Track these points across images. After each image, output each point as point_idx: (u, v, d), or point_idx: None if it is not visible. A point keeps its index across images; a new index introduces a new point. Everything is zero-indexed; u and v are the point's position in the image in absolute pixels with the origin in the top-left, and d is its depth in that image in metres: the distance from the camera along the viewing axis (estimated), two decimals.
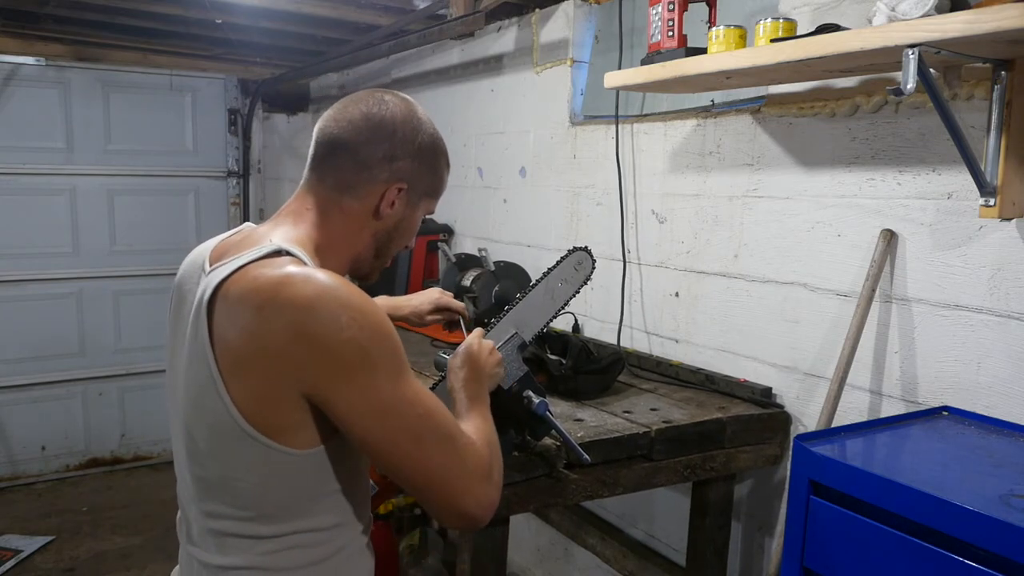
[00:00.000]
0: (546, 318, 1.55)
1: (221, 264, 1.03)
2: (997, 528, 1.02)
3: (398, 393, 0.98)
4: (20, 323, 4.08)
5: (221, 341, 0.98)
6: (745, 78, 1.74)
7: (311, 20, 3.41)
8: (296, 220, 1.12)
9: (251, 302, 0.96)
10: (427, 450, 1.01)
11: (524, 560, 3.03)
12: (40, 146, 4.03)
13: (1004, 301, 1.48)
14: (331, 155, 1.12)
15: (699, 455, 1.76)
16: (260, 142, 4.71)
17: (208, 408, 0.99)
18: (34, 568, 3.28)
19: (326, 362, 0.94)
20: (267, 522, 1.03)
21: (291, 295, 0.94)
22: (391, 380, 0.98)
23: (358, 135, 1.10)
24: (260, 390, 0.97)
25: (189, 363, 1.02)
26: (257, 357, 0.95)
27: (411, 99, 1.18)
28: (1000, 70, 1.36)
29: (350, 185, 1.11)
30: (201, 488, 1.06)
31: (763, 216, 1.98)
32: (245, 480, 1.01)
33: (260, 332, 0.95)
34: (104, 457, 4.37)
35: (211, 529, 1.05)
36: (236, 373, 0.97)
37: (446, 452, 1.02)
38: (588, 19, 2.66)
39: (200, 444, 1.03)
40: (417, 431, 1.00)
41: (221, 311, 0.98)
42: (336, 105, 1.16)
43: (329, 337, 0.94)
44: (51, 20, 3.65)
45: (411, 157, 1.14)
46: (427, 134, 1.17)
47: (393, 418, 0.98)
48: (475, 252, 2.97)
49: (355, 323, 0.95)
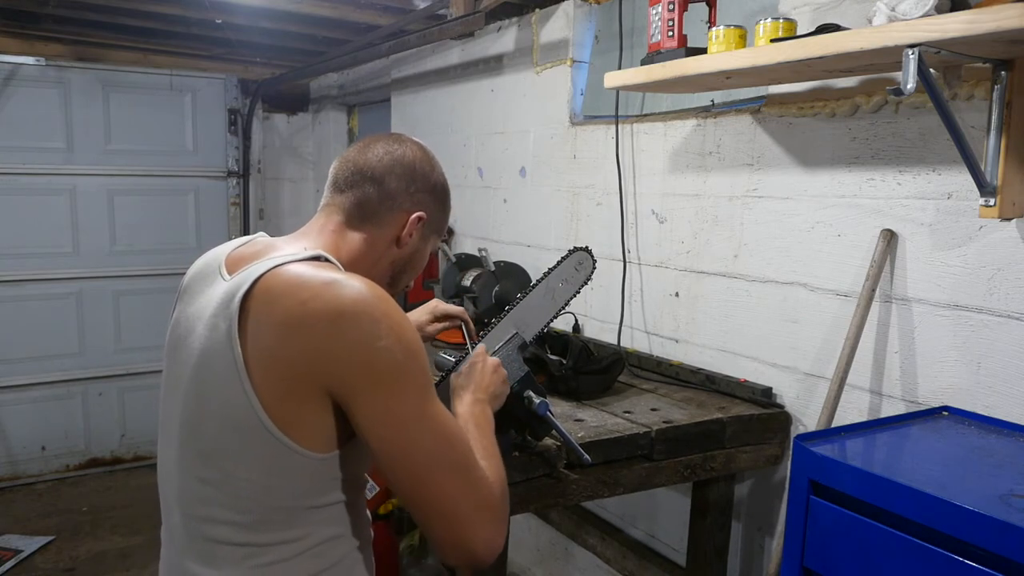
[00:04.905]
0: (546, 318, 1.55)
1: (250, 266, 1.04)
2: (997, 528, 1.02)
3: (422, 410, 0.99)
4: (20, 323, 4.08)
5: (253, 336, 0.98)
6: (745, 78, 1.74)
7: (311, 20, 3.41)
8: (320, 236, 1.16)
9: (296, 297, 0.97)
10: (440, 475, 0.99)
11: (524, 560, 3.03)
12: (40, 146, 4.03)
13: (1004, 301, 1.48)
14: (356, 184, 1.17)
15: (699, 455, 1.76)
16: (260, 142, 4.71)
17: (226, 402, 0.99)
18: (34, 568, 3.28)
19: (359, 365, 0.96)
20: (264, 529, 1.02)
21: (337, 295, 0.97)
22: (418, 396, 0.99)
23: (383, 167, 1.17)
24: (287, 386, 0.97)
25: (203, 359, 1.02)
26: (292, 352, 0.96)
27: (424, 143, 1.26)
28: (1000, 70, 1.36)
29: (374, 212, 1.17)
30: (200, 491, 1.04)
31: (763, 216, 1.98)
32: (250, 479, 1.00)
33: (302, 327, 0.96)
34: (104, 457, 4.38)
35: (205, 536, 1.04)
36: (265, 368, 0.97)
37: (460, 482, 1.01)
38: (588, 19, 2.66)
39: (207, 442, 1.03)
40: (433, 453, 0.99)
41: (257, 305, 0.99)
42: (355, 144, 1.23)
43: (366, 343, 0.96)
44: (51, 20, 3.65)
45: (428, 191, 1.21)
46: (440, 174, 1.25)
47: (412, 433, 0.98)
48: (475, 252, 2.97)
49: (392, 334, 0.97)
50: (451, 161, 3.32)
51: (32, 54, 3.92)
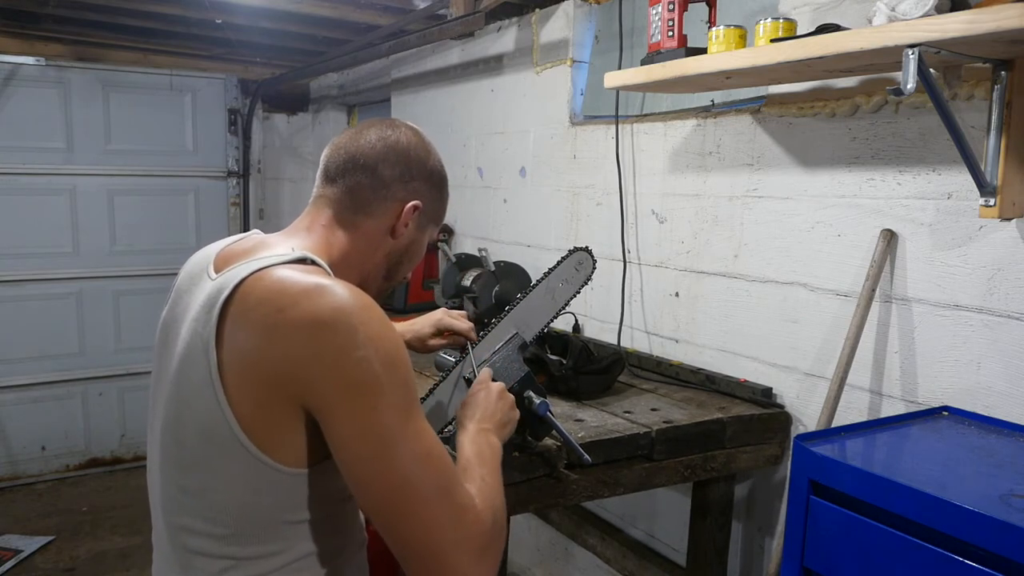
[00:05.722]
0: (547, 318, 1.55)
1: (236, 266, 1.00)
2: (997, 528, 1.02)
3: (398, 425, 0.91)
4: (20, 323, 4.08)
5: (230, 341, 0.94)
6: (745, 78, 1.74)
7: (311, 20, 3.41)
8: (310, 234, 1.11)
9: (274, 304, 0.92)
10: (417, 502, 0.90)
11: (524, 560, 3.03)
12: (40, 146, 4.03)
13: (1004, 301, 1.48)
14: (347, 173, 1.11)
15: (700, 455, 1.76)
16: (260, 142, 4.71)
17: (200, 410, 0.95)
18: (34, 568, 3.28)
19: (333, 376, 0.90)
20: (241, 542, 0.97)
21: (316, 303, 0.91)
22: (394, 410, 0.91)
23: (375, 155, 1.12)
24: (261, 396, 0.92)
25: (182, 364, 0.98)
26: (267, 360, 0.91)
27: (419, 128, 1.20)
28: (1000, 70, 1.36)
29: (367, 202, 1.11)
30: (179, 499, 1.00)
31: (763, 216, 1.98)
32: (225, 493, 0.96)
33: (277, 336, 0.91)
34: (104, 457, 4.38)
35: (184, 546, 1.00)
36: (240, 376, 0.93)
37: (440, 511, 0.91)
38: (588, 19, 2.66)
39: (186, 451, 0.98)
40: (408, 472, 0.90)
41: (237, 310, 0.94)
42: (347, 131, 1.17)
43: (342, 352, 0.90)
44: (51, 20, 3.65)
45: (423, 179, 1.16)
46: (436, 160, 1.19)
47: (386, 449, 0.90)
48: (475, 252, 2.97)
49: (371, 343, 0.90)
50: (451, 161, 3.31)
51: (32, 54, 3.92)
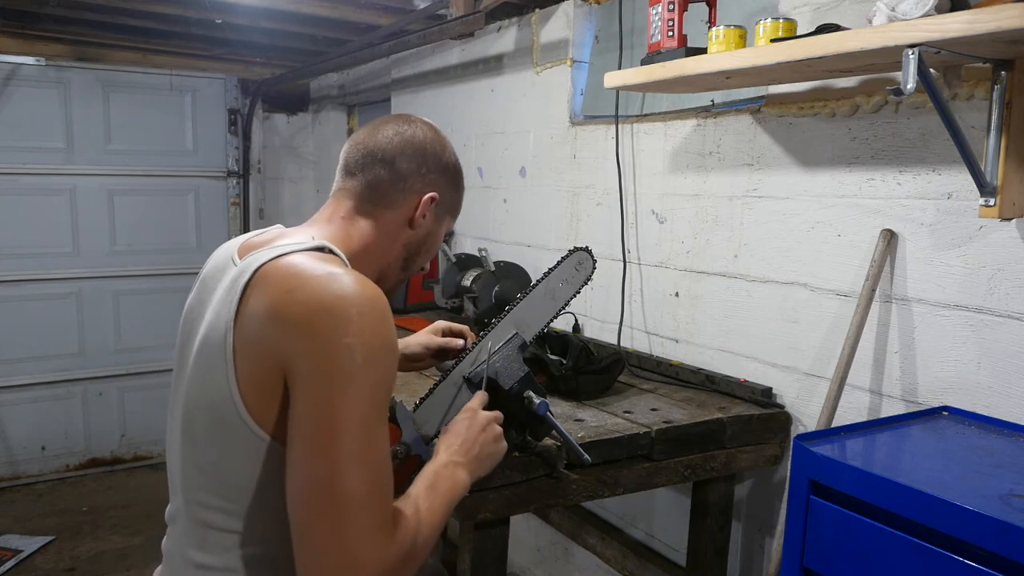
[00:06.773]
0: (547, 318, 1.55)
1: (257, 252, 1.04)
2: (997, 528, 1.02)
3: (353, 420, 0.90)
4: (20, 323, 4.08)
5: (244, 323, 0.97)
6: (745, 78, 1.74)
7: (311, 20, 3.41)
8: (330, 224, 1.15)
9: (283, 286, 0.96)
10: (333, 493, 0.88)
11: (524, 560, 3.03)
12: (40, 146, 4.03)
13: (1004, 301, 1.48)
14: (366, 167, 1.16)
15: (699, 455, 1.76)
16: (260, 142, 4.71)
17: (213, 389, 0.99)
18: (34, 568, 3.28)
19: (316, 355, 0.92)
20: (250, 520, 1.01)
21: (323, 288, 0.95)
22: (357, 404, 0.91)
23: (393, 149, 1.17)
24: (260, 375, 0.96)
25: (203, 345, 1.02)
26: (266, 339, 0.95)
27: (434, 123, 1.24)
28: (1000, 70, 1.36)
29: (385, 195, 1.16)
30: (195, 475, 1.04)
31: (763, 216, 1.98)
32: (234, 470, 1.00)
33: (279, 315, 0.94)
34: (104, 457, 4.38)
35: (200, 520, 1.04)
36: (246, 355, 0.96)
37: (350, 514, 0.89)
38: (588, 19, 2.66)
39: (200, 429, 1.03)
40: (340, 467, 0.89)
41: (254, 293, 0.98)
42: (365, 126, 1.21)
43: (331, 335, 0.92)
44: (51, 20, 3.65)
45: (440, 172, 1.21)
46: (451, 153, 1.24)
47: (331, 437, 0.90)
48: (475, 252, 2.97)
49: (362, 335, 0.92)
50: None
51: (32, 54, 3.92)
